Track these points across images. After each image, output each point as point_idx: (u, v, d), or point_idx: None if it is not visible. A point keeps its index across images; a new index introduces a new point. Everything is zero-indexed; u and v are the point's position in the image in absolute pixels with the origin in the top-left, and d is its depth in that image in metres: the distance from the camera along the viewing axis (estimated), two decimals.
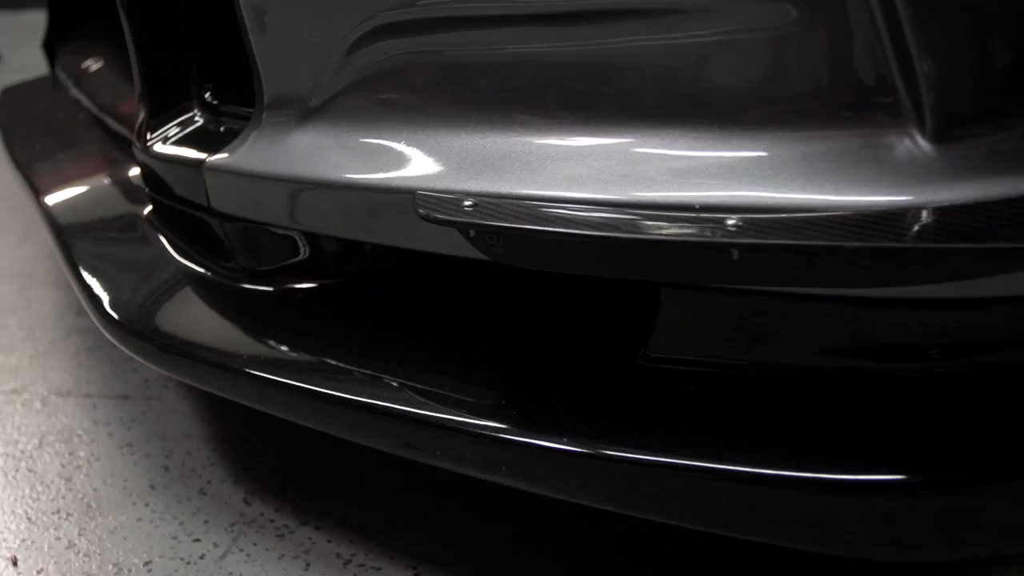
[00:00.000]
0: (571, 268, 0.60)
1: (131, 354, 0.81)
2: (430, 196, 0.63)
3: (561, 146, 0.61)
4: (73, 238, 0.91)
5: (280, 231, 0.76)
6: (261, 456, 0.88)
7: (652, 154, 0.58)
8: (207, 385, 0.78)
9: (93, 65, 1.30)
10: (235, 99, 0.88)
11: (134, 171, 0.99)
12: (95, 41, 1.50)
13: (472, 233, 0.61)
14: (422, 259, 0.70)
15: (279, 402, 0.73)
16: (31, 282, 1.31)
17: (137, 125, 0.88)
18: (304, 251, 0.77)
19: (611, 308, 0.68)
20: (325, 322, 0.76)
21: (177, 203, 0.84)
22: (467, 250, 0.63)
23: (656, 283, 0.60)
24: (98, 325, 0.83)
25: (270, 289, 0.80)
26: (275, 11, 0.72)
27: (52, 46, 1.69)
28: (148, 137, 0.86)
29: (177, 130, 0.85)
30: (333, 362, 0.72)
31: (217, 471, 0.86)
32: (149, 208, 0.89)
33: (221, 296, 0.81)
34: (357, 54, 0.69)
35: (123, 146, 1.07)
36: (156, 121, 0.86)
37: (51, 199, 0.98)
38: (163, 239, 0.87)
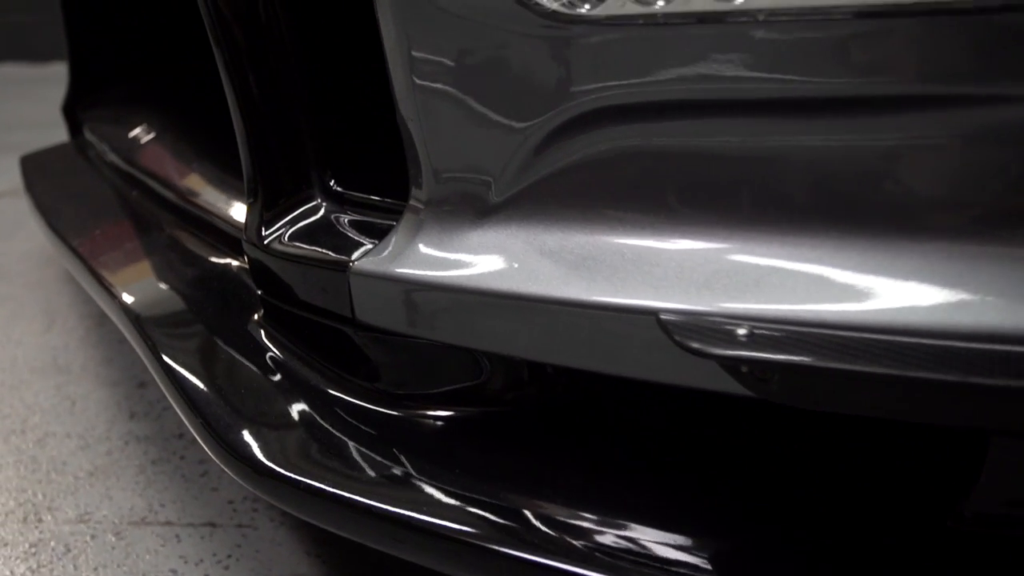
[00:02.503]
0: (874, 411, 0.49)
1: (248, 486, 0.68)
2: (684, 321, 0.51)
3: (850, 260, 0.50)
4: (161, 342, 0.78)
5: (445, 349, 0.64)
6: None
7: (984, 272, 0.47)
8: (343, 529, 0.65)
9: (143, 135, 1.17)
10: (356, 184, 0.76)
11: (226, 262, 0.87)
12: (129, 106, 1.38)
13: (744, 368, 0.50)
14: (631, 385, 0.58)
15: (452, 559, 0.61)
16: (69, 377, 1.17)
17: (247, 217, 0.76)
18: (482, 373, 0.64)
19: (903, 454, 0.57)
20: (500, 458, 0.64)
21: (303, 310, 0.72)
22: (720, 383, 0.52)
23: (985, 430, 0.49)
24: (207, 449, 0.70)
25: (423, 414, 0.67)
26: (448, 88, 0.61)
27: (73, 111, 1.57)
28: (264, 232, 0.73)
29: (299, 223, 0.73)
30: (510, 508, 0.60)
31: None
32: (261, 312, 0.77)
33: (362, 422, 0.68)
34: (560, 141, 0.57)
35: (200, 231, 0.94)
36: (272, 213, 0.74)
37: (128, 295, 0.85)
38: (280, 351, 0.74)
